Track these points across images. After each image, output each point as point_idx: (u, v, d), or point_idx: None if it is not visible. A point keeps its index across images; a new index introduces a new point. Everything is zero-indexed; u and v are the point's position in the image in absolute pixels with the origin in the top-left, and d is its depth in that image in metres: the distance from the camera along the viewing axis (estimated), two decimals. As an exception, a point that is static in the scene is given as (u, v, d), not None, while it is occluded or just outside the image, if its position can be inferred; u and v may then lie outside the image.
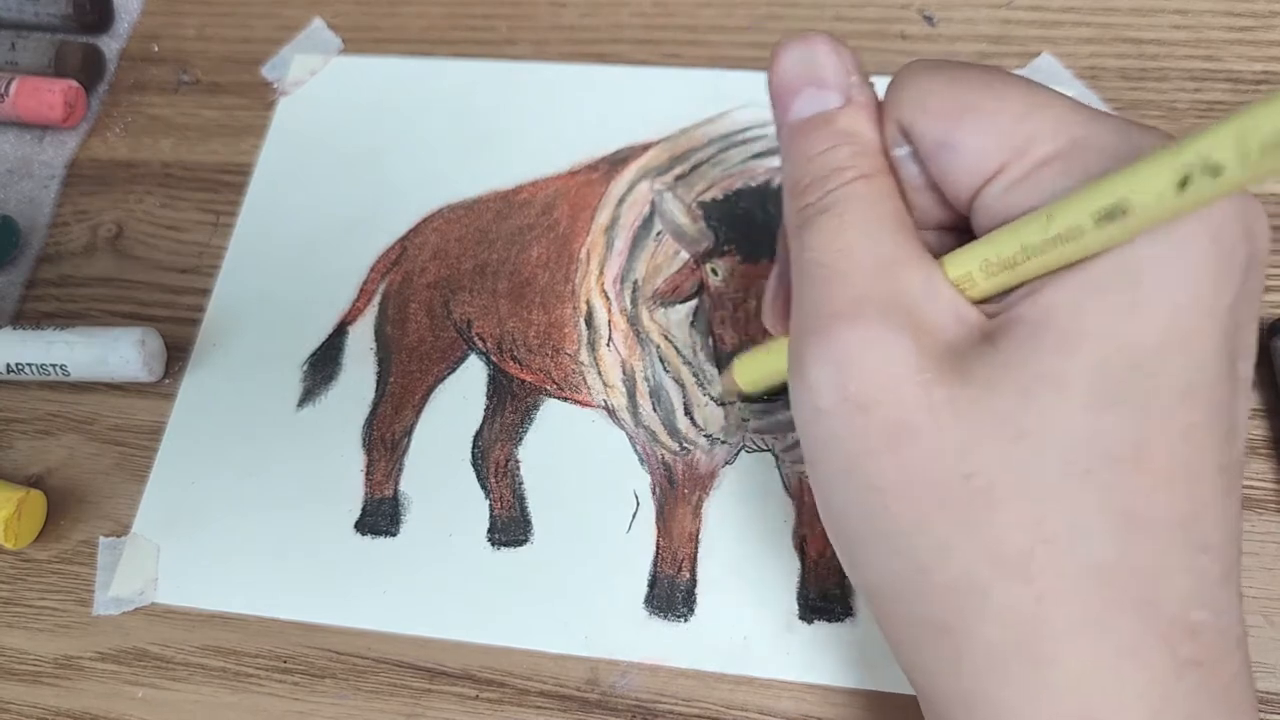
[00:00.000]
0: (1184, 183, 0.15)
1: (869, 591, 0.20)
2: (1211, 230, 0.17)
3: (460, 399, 0.32)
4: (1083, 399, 0.17)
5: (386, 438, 0.32)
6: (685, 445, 0.30)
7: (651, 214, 0.33)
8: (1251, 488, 0.28)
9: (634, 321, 0.32)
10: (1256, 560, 0.27)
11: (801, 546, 0.29)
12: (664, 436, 0.31)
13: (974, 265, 0.18)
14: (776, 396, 0.30)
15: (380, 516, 0.31)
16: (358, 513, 0.31)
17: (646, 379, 0.31)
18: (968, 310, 0.19)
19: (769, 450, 0.30)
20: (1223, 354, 0.17)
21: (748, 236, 0.32)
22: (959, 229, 0.20)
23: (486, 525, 0.30)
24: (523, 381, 0.32)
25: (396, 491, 0.31)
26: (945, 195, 0.20)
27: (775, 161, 0.33)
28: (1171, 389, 0.17)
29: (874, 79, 0.21)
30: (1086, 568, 0.17)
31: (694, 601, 0.29)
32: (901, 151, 0.20)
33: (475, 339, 0.33)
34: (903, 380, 0.18)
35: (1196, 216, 0.16)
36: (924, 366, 0.18)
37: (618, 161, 0.35)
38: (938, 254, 0.19)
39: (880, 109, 0.20)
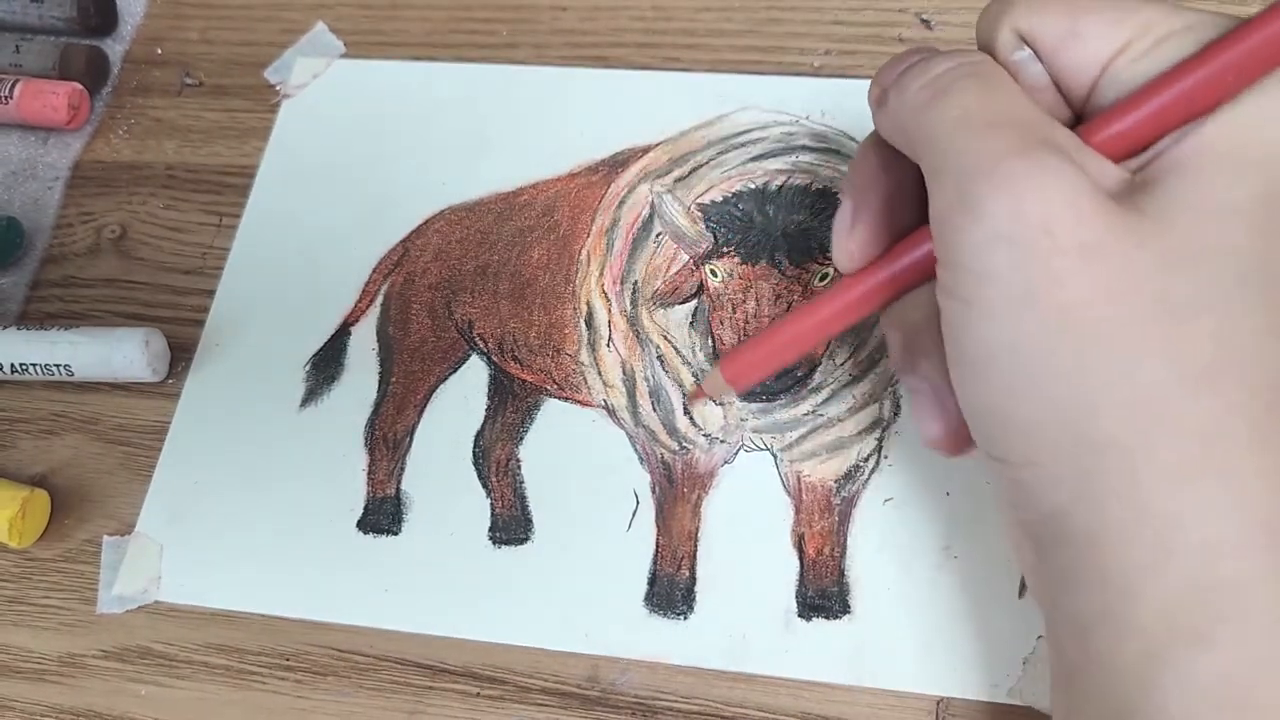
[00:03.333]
0: None
1: (1022, 428, 0.20)
2: None
3: (461, 399, 0.32)
4: (1254, 224, 0.18)
5: (388, 437, 0.32)
6: (684, 444, 0.31)
7: (651, 216, 0.34)
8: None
9: (634, 322, 0.32)
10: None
11: (800, 545, 0.29)
12: (663, 436, 0.31)
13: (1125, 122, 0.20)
14: (775, 395, 0.30)
15: (382, 515, 0.31)
16: (360, 512, 0.31)
17: (646, 379, 0.32)
18: (1115, 166, 0.20)
19: (768, 450, 0.30)
20: None
21: (746, 238, 0.32)
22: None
23: (487, 524, 0.31)
24: (523, 382, 0.32)
25: (398, 490, 0.31)
26: (1064, 88, 0.21)
27: (774, 164, 0.33)
28: None
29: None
30: (1269, 382, 0.18)
31: (693, 599, 0.29)
32: (1022, 54, 0.21)
33: (477, 339, 0.33)
34: (1086, 206, 0.18)
35: None
36: (1097, 191, 0.18)
37: (618, 164, 0.35)
38: None
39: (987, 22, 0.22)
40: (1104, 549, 0.19)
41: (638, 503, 0.30)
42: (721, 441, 0.31)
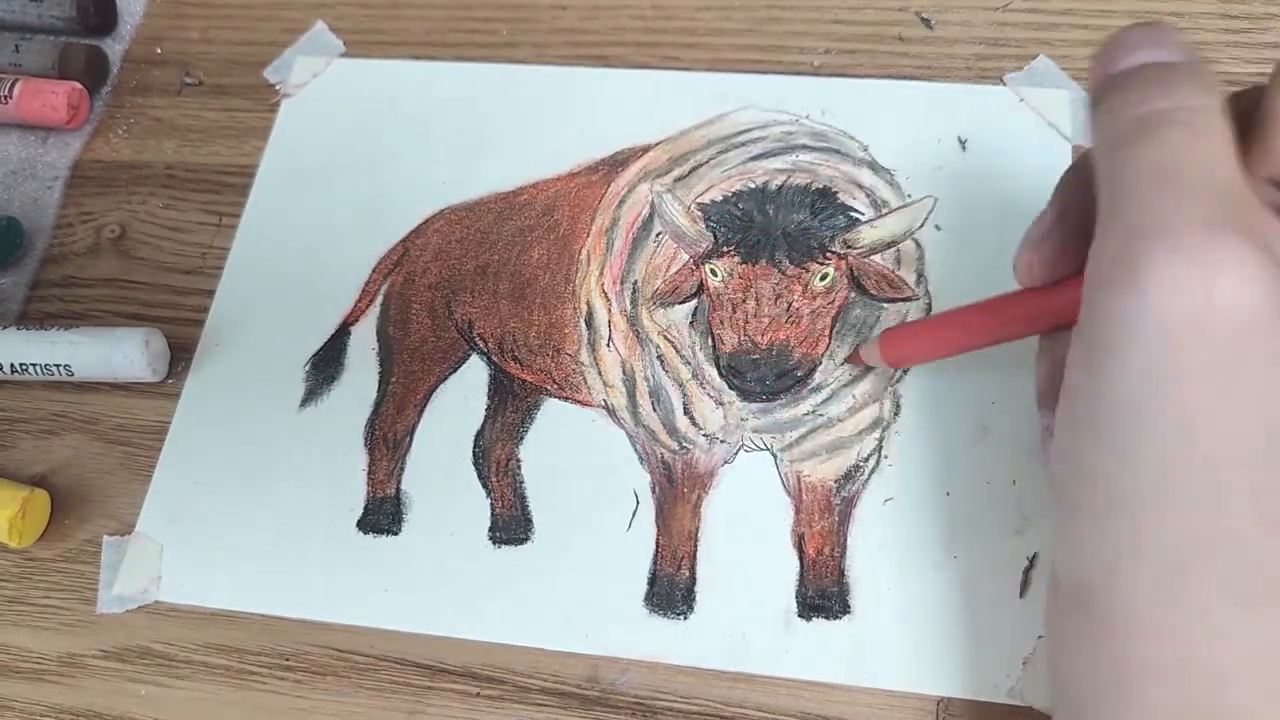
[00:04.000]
0: None
1: (1093, 519, 0.19)
2: None
3: (461, 399, 0.32)
4: None
5: (388, 437, 0.32)
6: (684, 444, 0.31)
7: (651, 215, 0.33)
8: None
9: (634, 322, 0.32)
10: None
11: (800, 545, 0.29)
12: (663, 436, 0.31)
13: None
14: (775, 395, 0.30)
15: (382, 515, 0.31)
16: (360, 511, 0.31)
17: (646, 379, 0.32)
18: None
19: (767, 450, 0.30)
20: None
21: (746, 237, 0.32)
22: None
23: (487, 524, 0.31)
24: (523, 381, 0.32)
25: (398, 490, 0.31)
26: None
27: (774, 163, 0.33)
28: None
29: (877, 81, 0.21)
30: None
31: (693, 599, 0.29)
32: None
33: (476, 339, 0.33)
34: (1258, 311, 0.16)
35: None
36: (1274, 288, 0.16)
37: (617, 163, 0.35)
38: None
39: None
40: (1117, 634, 0.19)
41: (638, 503, 0.30)
42: (721, 441, 0.31)
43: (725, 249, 0.32)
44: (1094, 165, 0.19)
